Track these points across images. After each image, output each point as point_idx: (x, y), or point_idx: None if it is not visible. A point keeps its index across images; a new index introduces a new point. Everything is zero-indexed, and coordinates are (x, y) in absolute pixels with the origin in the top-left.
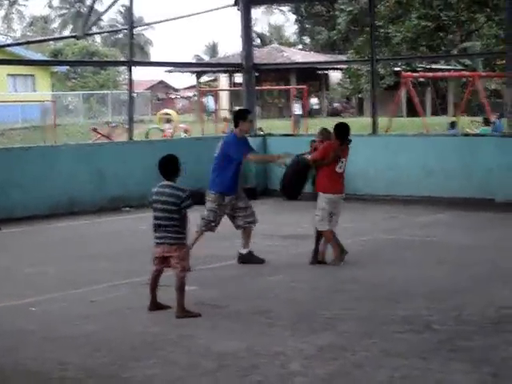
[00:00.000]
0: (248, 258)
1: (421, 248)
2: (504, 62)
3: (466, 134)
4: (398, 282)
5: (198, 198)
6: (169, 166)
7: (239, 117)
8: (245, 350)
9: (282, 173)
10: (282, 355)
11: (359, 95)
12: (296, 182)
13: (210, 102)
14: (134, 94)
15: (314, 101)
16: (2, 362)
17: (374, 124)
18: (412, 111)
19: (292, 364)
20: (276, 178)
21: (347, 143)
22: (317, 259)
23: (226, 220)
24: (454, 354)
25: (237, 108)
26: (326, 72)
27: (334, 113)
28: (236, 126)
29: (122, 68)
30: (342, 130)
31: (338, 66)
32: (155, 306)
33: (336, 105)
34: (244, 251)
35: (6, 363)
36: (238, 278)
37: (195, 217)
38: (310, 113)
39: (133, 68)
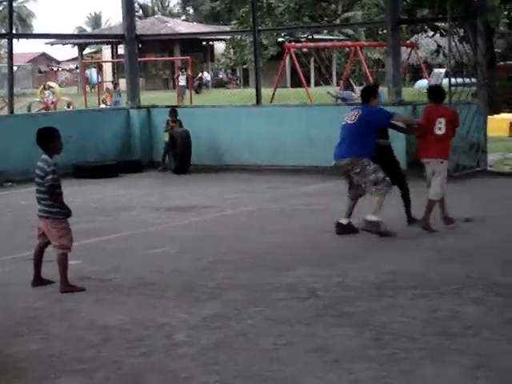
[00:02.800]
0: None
1: (305, 217)
2: (385, 31)
3: (350, 104)
4: (283, 251)
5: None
6: (43, 139)
7: (370, 94)
8: (129, 322)
9: None
10: (167, 326)
11: (244, 66)
12: None
13: (92, 74)
14: (15, 68)
15: (206, 74)
16: None
17: (258, 95)
18: (296, 82)
19: (177, 335)
20: (160, 150)
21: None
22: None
23: (109, 196)
24: (337, 320)
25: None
26: (211, 43)
27: (219, 84)
28: (367, 101)
29: (3, 41)
30: (435, 91)
31: (223, 37)
32: (38, 281)
33: (221, 76)
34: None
35: None
36: (122, 252)
37: None
38: (200, 86)
39: (14, 40)
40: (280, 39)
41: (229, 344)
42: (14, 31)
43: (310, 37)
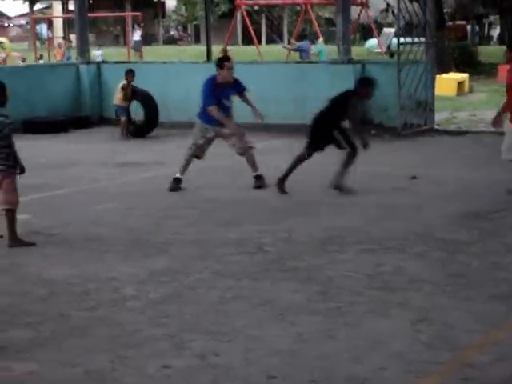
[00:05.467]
0: None
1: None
2: None
3: (298, 62)
4: (232, 207)
5: None
6: None
7: (217, 65)
8: (77, 276)
9: None
10: (115, 280)
11: (195, 23)
12: None
13: (43, 29)
14: None
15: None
16: None
17: (209, 52)
18: (248, 40)
19: (125, 289)
20: (110, 107)
21: None
22: None
23: (58, 151)
24: (284, 274)
25: None
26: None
27: (170, 41)
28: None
29: None
30: None
31: None
32: None
33: (172, 33)
34: None
35: None
36: (71, 207)
37: None
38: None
39: None
40: None
41: (177, 297)
42: None
43: None
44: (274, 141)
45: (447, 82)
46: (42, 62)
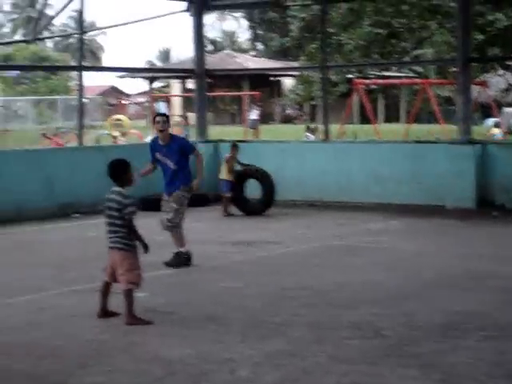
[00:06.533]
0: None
1: (370, 254)
2: (455, 69)
3: (418, 141)
4: (348, 289)
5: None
6: (115, 171)
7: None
8: (194, 356)
9: None
10: (231, 362)
11: (312, 102)
12: None
13: (161, 107)
14: (85, 100)
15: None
16: None
17: (326, 131)
18: (365, 118)
19: (241, 370)
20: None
21: None
22: None
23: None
24: (403, 360)
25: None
26: (279, 78)
27: (286, 119)
28: None
29: (73, 73)
30: None
31: (291, 73)
32: (105, 313)
33: (289, 111)
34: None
35: None
36: (188, 285)
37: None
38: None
39: (84, 73)
40: (349, 76)
41: (292, 382)
42: (84, 64)
43: (379, 74)
44: (392, 221)
45: None
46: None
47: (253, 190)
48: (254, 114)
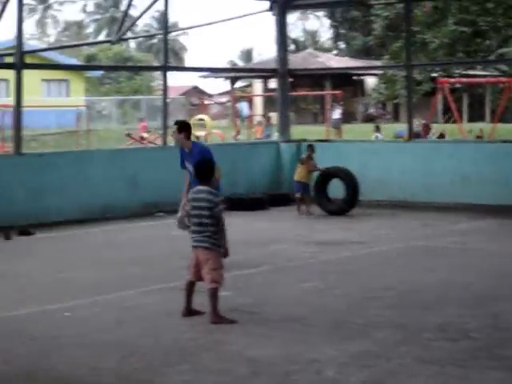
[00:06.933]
0: None
1: (457, 255)
2: None
3: (504, 141)
4: (432, 290)
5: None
6: (202, 171)
7: None
8: (278, 356)
9: None
10: (316, 362)
11: (395, 101)
12: None
13: (243, 107)
14: (168, 100)
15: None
16: (36, 367)
17: (410, 130)
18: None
19: (326, 371)
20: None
21: None
22: None
23: (258, 228)
24: (491, 363)
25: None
26: (362, 78)
27: (369, 118)
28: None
29: (156, 73)
30: None
31: (374, 72)
32: (189, 311)
33: (371, 110)
34: None
35: (39, 368)
36: (271, 284)
37: None
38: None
39: (167, 73)
40: (433, 74)
41: (379, 383)
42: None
43: (464, 72)
44: (476, 222)
45: None
46: (239, 137)
47: (336, 189)
48: (336, 114)
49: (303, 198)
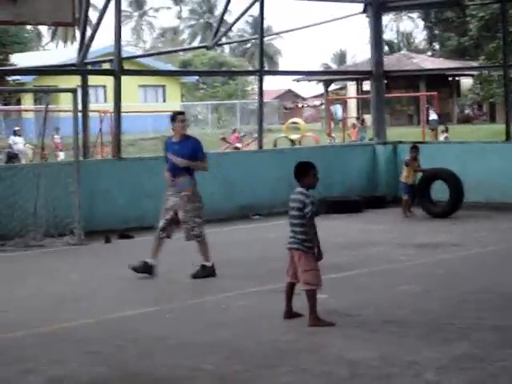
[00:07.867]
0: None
1: None
2: None
3: None
4: None
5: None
6: (299, 172)
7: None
8: (377, 358)
9: None
10: (416, 365)
11: (491, 101)
12: None
13: (337, 110)
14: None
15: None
16: (137, 368)
17: (508, 131)
18: None
19: (426, 374)
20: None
21: None
22: None
23: (354, 231)
24: None
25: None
26: (457, 78)
27: (465, 119)
28: None
29: (251, 78)
30: None
31: (469, 73)
32: (290, 314)
33: (467, 111)
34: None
35: (140, 369)
36: (369, 287)
37: None
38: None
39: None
40: None
41: None
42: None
43: None
44: None
45: None
46: (331, 140)
47: (438, 191)
48: (433, 115)
49: (408, 199)
